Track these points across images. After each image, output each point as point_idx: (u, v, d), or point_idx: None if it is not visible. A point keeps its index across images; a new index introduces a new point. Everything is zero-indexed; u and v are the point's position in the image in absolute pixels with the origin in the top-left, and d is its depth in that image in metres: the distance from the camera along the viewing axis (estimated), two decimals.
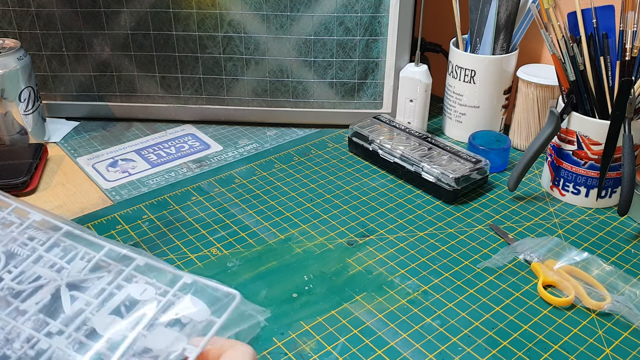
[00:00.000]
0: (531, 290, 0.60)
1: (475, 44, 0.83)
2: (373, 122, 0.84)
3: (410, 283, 0.61)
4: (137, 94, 0.89)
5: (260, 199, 0.74)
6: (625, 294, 0.59)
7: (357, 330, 0.55)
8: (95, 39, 0.84)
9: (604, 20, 0.68)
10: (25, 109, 0.81)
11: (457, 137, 0.87)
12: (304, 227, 0.69)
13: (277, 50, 0.84)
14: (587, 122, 0.68)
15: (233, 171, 0.79)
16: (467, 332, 0.55)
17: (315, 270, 0.62)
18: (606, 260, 0.64)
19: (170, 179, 0.78)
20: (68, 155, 0.83)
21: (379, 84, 0.86)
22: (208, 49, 0.84)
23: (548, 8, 0.68)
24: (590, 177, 0.70)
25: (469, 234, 0.68)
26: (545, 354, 0.53)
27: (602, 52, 0.68)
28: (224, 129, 0.90)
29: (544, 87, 0.79)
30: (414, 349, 0.53)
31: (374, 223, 0.70)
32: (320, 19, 0.81)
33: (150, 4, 0.82)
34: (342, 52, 0.84)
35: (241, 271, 0.62)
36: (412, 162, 0.75)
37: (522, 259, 0.63)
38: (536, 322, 0.56)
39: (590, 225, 0.69)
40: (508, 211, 0.72)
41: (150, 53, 0.85)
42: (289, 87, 0.87)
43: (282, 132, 0.90)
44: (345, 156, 0.83)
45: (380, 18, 0.82)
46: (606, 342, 0.54)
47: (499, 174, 0.79)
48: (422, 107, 0.84)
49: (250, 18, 0.82)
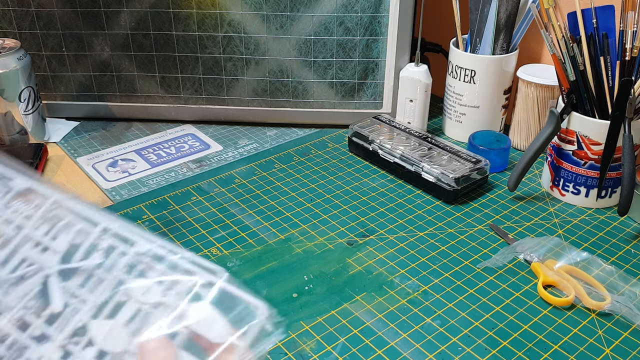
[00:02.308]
0: (531, 290, 0.60)
1: (475, 44, 0.83)
2: (373, 122, 0.84)
3: (410, 283, 0.61)
4: (137, 94, 0.89)
5: (260, 199, 0.74)
6: (625, 294, 0.59)
7: (357, 330, 0.55)
8: (95, 39, 0.84)
9: (604, 20, 0.68)
10: (25, 109, 0.81)
11: (457, 137, 0.87)
12: (304, 227, 0.69)
13: (277, 50, 0.84)
14: (587, 122, 0.68)
15: (233, 171, 0.79)
16: (467, 332, 0.55)
17: (315, 270, 0.62)
18: (606, 260, 0.64)
19: (170, 179, 0.78)
20: (68, 155, 0.83)
21: (379, 84, 0.86)
22: (208, 49, 0.84)
23: (548, 8, 0.68)
24: (590, 177, 0.70)
25: (469, 234, 0.68)
26: (545, 354, 0.53)
27: (602, 52, 0.68)
28: (224, 129, 0.90)
29: (544, 87, 0.79)
30: (414, 349, 0.53)
31: (374, 223, 0.70)
32: (320, 19, 0.81)
33: (150, 4, 0.82)
34: (342, 52, 0.84)
35: (241, 271, 0.62)
36: (412, 162, 0.75)
37: (522, 259, 0.63)
38: (536, 322, 0.56)
39: (590, 225, 0.69)
40: (508, 211, 0.72)
41: (150, 53, 0.85)
42: (289, 87, 0.87)
43: (282, 132, 0.90)
44: (345, 156, 0.83)
45: (380, 18, 0.82)
46: (606, 342, 0.54)
47: (499, 174, 0.79)
48: (422, 107, 0.84)
49: (250, 18, 0.82)
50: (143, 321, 0.38)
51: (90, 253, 0.43)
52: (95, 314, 0.40)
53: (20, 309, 0.40)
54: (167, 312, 0.38)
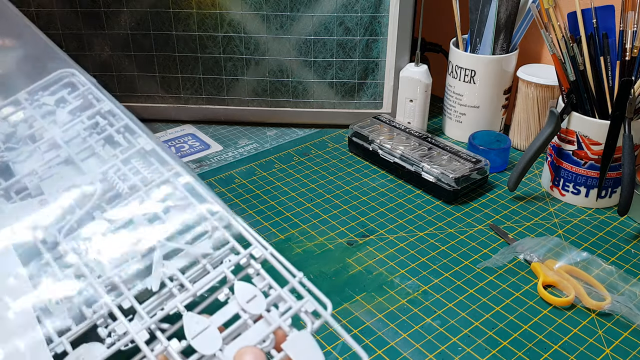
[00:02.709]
0: (531, 290, 0.60)
1: (475, 44, 0.83)
2: (373, 122, 0.84)
3: (410, 283, 0.61)
4: (137, 94, 0.89)
5: (260, 199, 0.74)
6: (625, 294, 0.59)
7: (357, 330, 0.55)
8: (95, 39, 0.84)
9: (604, 20, 0.68)
10: None
11: (457, 137, 0.87)
12: (304, 227, 0.69)
13: (277, 50, 0.84)
14: (587, 122, 0.68)
15: (233, 171, 0.79)
16: (467, 332, 0.55)
17: (315, 270, 0.62)
18: (606, 260, 0.64)
19: None
20: None
21: (379, 84, 0.86)
22: (208, 49, 0.84)
23: (548, 8, 0.68)
24: (590, 177, 0.70)
25: (469, 234, 0.68)
26: (545, 354, 0.53)
27: (602, 52, 0.68)
28: (224, 129, 0.90)
29: (544, 87, 0.79)
30: (414, 349, 0.53)
31: (374, 223, 0.70)
32: (320, 19, 0.81)
33: (150, 4, 0.82)
34: (342, 52, 0.84)
35: None
36: (412, 162, 0.75)
37: (522, 259, 0.63)
38: (536, 322, 0.56)
39: (590, 225, 0.69)
40: (508, 211, 0.72)
41: (150, 53, 0.85)
42: (289, 87, 0.86)
43: (282, 132, 0.90)
44: (345, 156, 0.83)
45: (380, 18, 0.82)
46: (606, 342, 0.54)
47: (499, 174, 0.79)
48: (422, 107, 0.84)
49: (250, 18, 0.82)
50: (241, 330, 0.36)
51: (199, 238, 0.40)
52: (191, 305, 0.37)
53: (117, 275, 0.38)
54: (266, 329, 0.36)
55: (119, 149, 0.47)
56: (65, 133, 0.48)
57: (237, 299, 0.37)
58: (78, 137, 0.48)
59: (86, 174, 0.45)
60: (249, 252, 0.40)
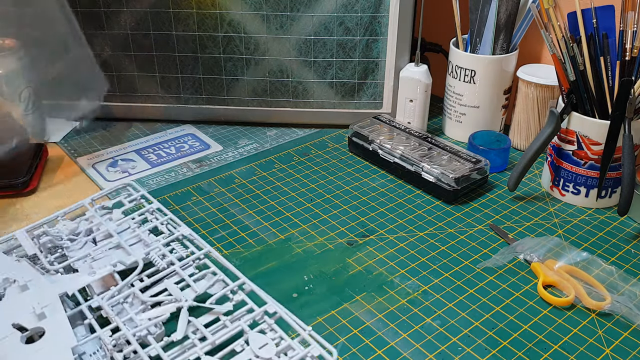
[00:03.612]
0: (531, 290, 0.60)
1: (475, 44, 0.83)
2: (373, 122, 0.84)
3: (410, 283, 0.61)
4: (137, 94, 0.89)
5: (260, 199, 0.74)
6: (625, 294, 0.59)
7: (357, 330, 0.55)
8: (95, 39, 0.84)
9: (604, 20, 0.68)
10: (25, 109, 0.81)
11: (457, 137, 0.87)
12: (304, 227, 0.69)
13: (277, 50, 0.84)
14: (587, 122, 0.68)
15: (233, 171, 0.79)
16: (467, 332, 0.55)
17: (315, 270, 0.62)
18: (606, 260, 0.64)
19: (170, 179, 0.78)
20: (68, 155, 0.83)
21: (379, 84, 0.86)
22: (208, 49, 0.84)
23: (548, 8, 0.68)
24: (590, 177, 0.70)
25: (469, 234, 0.68)
26: (545, 354, 0.53)
27: (602, 52, 0.68)
28: (224, 129, 0.90)
29: (544, 87, 0.79)
30: (414, 349, 0.53)
31: (374, 223, 0.70)
32: (320, 19, 0.81)
33: (150, 4, 0.82)
34: (342, 52, 0.84)
35: (241, 271, 0.62)
36: (412, 162, 0.75)
37: (522, 259, 0.63)
38: (536, 322, 0.56)
39: (590, 225, 0.69)
40: (508, 211, 0.72)
41: (150, 53, 0.85)
42: (289, 87, 0.87)
43: (282, 132, 0.90)
44: (345, 156, 0.83)
45: (380, 18, 0.82)
46: (606, 342, 0.54)
47: (499, 174, 0.79)
48: (422, 107, 0.84)
49: (250, 18, 0.82)
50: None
51: (223, 301, 0.52)
52: (211, 351, 0.47)
53: (145, 328, 0.47)
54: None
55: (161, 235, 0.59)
56: (119, 227, 0.60)
57: (250, 346, 0.46)
58: (129, 229, 0.60)
59: (131, 254, 0.56)
60: (264, 310, 0.49)
